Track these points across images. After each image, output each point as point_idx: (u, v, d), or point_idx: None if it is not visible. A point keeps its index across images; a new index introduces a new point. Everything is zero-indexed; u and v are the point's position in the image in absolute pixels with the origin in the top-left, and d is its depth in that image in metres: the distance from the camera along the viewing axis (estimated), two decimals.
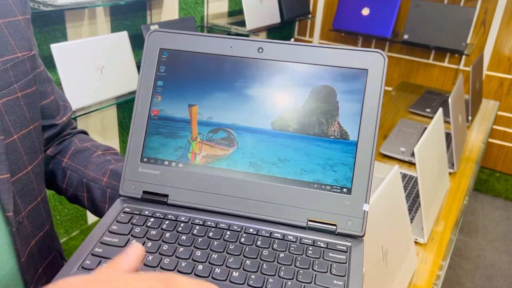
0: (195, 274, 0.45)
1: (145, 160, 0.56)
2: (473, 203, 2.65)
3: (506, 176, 2.66)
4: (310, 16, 2.75)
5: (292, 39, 2.58)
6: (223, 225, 0.52)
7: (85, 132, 0.76)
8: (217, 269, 0.46)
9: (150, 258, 0.47)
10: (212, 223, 0.52)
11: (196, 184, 0.54)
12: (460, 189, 1.31)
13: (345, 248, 0.49)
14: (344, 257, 0.48)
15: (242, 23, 2.12)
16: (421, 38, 2.44)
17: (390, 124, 1.71)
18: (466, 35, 2.34)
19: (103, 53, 1.52)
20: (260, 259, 0.47)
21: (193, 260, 0.47)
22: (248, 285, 0.44)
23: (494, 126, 2.59)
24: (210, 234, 0.50)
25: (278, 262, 0.47)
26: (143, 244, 0.49)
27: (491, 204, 2.66)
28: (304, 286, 0.44)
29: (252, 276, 0.45)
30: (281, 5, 2.40)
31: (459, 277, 2.08)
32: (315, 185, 0.52)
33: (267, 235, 0.51)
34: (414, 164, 1.30)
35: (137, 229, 0.51)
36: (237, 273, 0.45)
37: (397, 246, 0.86)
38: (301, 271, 0.46)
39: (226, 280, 0.45)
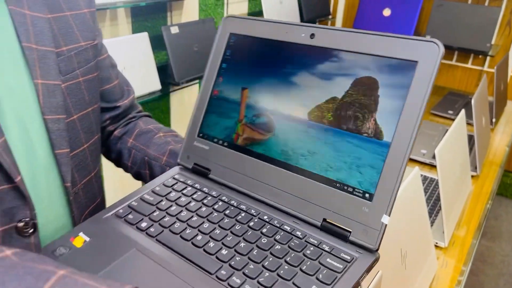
0: (192, 243, 0.49)
1: (200, 135, 0.62)
2: (497, 207, 2.59)
3: None
4: (330, 17, 2.73)
5: None
6: (243, 206, 0.54)
7: (149, 116, 0.83)
8: (211, 243, 0.49)
9: (166, 219, 0.53)
10: (235, 202, 0.55)
11: (234, 164, 0.58)
12: (483, 193, 1.28)
13: (349, 258, 0.46)
14: (342, 266, 0.45)
15: None
16: (443, 39, 2.39)
17: None
18: (490, 35, 2.29)
19: (124, 54, 1.54)
20: (256, 245, 0.48)
21: (198, 230, 0.51)
22: (230, 265, 0.46)
23: None
24: (227, 212, 0.54)
25: (270, 253, 0.47)
26: (168, 207, 0.55)
27: None
28: (278, 281, 0.44)
29: (237, 258, 0.47)
30: (301, 6, 2.39)
31: (482, 283, 2.03)
32: (337, 184, 0.50)
33: (278, 225, 0.51)
34: (435, 166, 1.27)
35: (173, 194, 0.57)
36: (226, 251, 0.48)
37: (416, 250, 0.85)
38: (286, 267, 0.45)
39: (213, 254, 0.48)
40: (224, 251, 0.48)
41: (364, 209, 0.47)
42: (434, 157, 1.30)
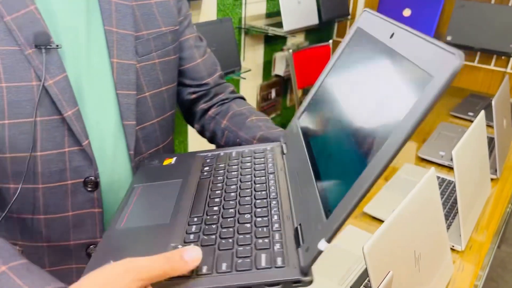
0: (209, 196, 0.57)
1: (300, 117, 0.66)
2: None
3: None
4: (349, 17, 2.71)
5: (331, 41, 2.54)
6: (271, 183, 0.58)
7: (243, 98, 0.87)
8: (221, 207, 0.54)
9: (219, 177, 0.61)
10: (266, 178, 0.60)
11: (295, 153, 0.61)
12: (503, 196, 1.25)
13: (280, 263, 0.43)
14: (265, 265, 0.43)
15: (280, 25, 2.12)
16: (465, 39, 2.35)
17: (430, 128, 1.66)
18: None
19: None
20: (238, 211, 0.53)
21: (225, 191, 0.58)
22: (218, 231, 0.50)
23: None
24: (254, 179, 0.60)
25: (237, 221, 0.51)
26: (231, 166, 0.63)
27: None
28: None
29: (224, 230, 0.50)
30: (320, 6, 2.38)
31: None
32: (322, 192, 0.46)
33: (271, 209, 0.52)
34: (453, 169, 1.25)
35: (247, 158, 0.66)
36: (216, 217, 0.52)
37: (431, 252, 0.83)
38: (239, 238, 0.48)
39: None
40: (215, 207, 0.54)
41: (318, 227, 0.42)
42: (452, 159, 1.27)
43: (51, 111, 0.58)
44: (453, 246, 1.00)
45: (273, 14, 2.36)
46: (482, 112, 1.12)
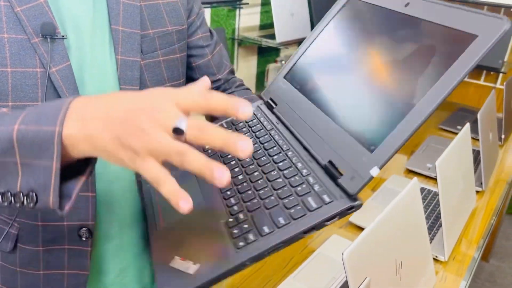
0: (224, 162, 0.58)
1: (287, 77, 0.69)
2: (508, 227, 2.54)
3: None
4: None
5: None
6: (281, 142, 0.60)
7: (248, 89, 0.89)
8: (236, 168, 0.57)
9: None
10: (277, 137, 0.61)
11: (294, 103, 0.64)
12: (488, 209, 1.26)
13: (328, 199, 0.47)
14: (316, 205, 0.47)
15: (273, 36, 2.14)
16: None
17: (419, 140, 1.68)
18: (503, 52, 2.27)
19: None
20: (261, 170, 0.55)
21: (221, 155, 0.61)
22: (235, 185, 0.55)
23: None
24: (265, 145, 0.61)
25: (267, 179, 0.53)
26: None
27: None
28: (259, 208, 0.49)
29: (245, 184, 0.54)
30: (312, 18, 2.41)
31: None
32: (354, 133, 0.51)
33: (288, 154, 0.56)
34: None
35: (241, 124, 0.67)
36: (242, 176, 0.56)
37: (413, 261, 0.84)
38: (271, 196, 0.51)
39: (233, 178, 0.55)
40: (240, 176, 0.55)
41: (363, 159, 0.48)
42: None
43: (53, 98, 0.60)
44: (436, 256, 1.01)
45: (267, 25, 2.39)
46: (467, 125, 1.14)
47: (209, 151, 0.64)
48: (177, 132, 0.40)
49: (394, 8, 0.56)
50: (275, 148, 0.59)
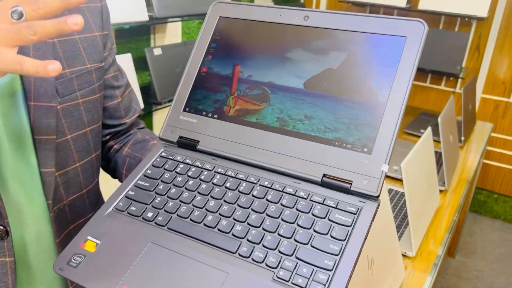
0: (204, 224, 0.51)
1: (186, 109, 0.62)
2: (472, 224, 2.67)
3: (504, 198, 2.68)
4: None
5: None
6: (242, 176, 0.55)
7: (151, 131, 0.85)
8: (224, 221, 0.50)
9: (170, 204, 0.53)
10: (232, 173, 0.56)
11: (225, 133, 0.58)
12: (451, 207, 1.34)
13: (354, 209, 0.49)
14: (350, 220, 0.48)
15: None
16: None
17: None
18: (461, 59, 2.41)
19: None
20: (266, 214, 0.50)
21: (206, 210, 0.52)
22: (248, 240, 0.48)
23: (491, 148, 2.62)
24: (228, 185, 0.54)
25: (282, 219, 0.49)
26: (167, 190, 0.55)
27: (490, 225, 2.67)
28: (298, 247, 0.47)
29: (253, 232, 0.49)
30: None
31: None
32: (336, 142, 0.52)
33: (280, 189, 0.53)
34: None
35: (167, 175, 0.57)
36: (241, 227, 0.49)
37: (383, 257, 0.90)
38: (300, 231, 0.48)
39: (229, 232, 0.49)
40: (238, 227, 0.49)
41: (364, 161, 0.50)
42: None
43: None
44: (405, 253, 1.07)
45: None
46: (429, 129, 1.22)
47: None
48: (17, 16, 0.43)
49: (295, 23, 0.59)
50: (258, 188, 0.53)
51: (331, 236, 0.47)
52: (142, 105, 1.72)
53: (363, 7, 2.72)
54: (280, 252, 0.47)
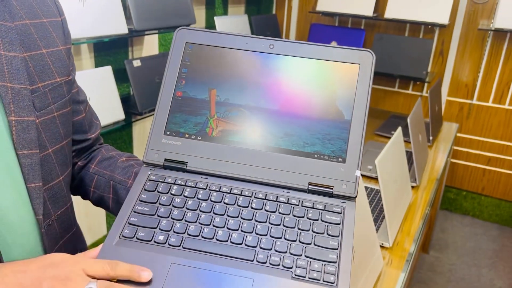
0: (216, 239, 0.55)
1: (168, 132, 0.63)
2: (443, 221, 2.79)
3: (472, 194, 2.81)
4: None
5: None
6: (236, 191, 0.60)
7: (107, 145, 0.86)
8: (234, 234, 0.55)
9: (178, 225, 0.56)
10: (227, 189, 0.60)
11: (212, 153, 0.62)
12: (422, 201, 1.43)
13: (339, 209, 0.58)
14: (339, 218, 0.57)
15: None
16: (386, 68, 2.62)
17: None
18: (426, 64, 2.54)
19: (89, 87, 1.62)
20: (269, 223, 0.57)
21: (213, 226, 0.56)
22: (261, 247, 0.54)
23: (458, 148, 2.76)
24: (226, 200, 0.59)
25: (284, 226, 0.57)
26: (170, 212, 0.57)
27: (460, 221, 2.80)
28: (305, 247, 0.54)
29: (263, 240, 0.55)
30: None
31: None
32: (315, 155, 0.62)
33: (274, 199, 0.60)
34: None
35: (164, 197, 0.59)
36: (251, 237, 0.55)
37: (363, 247, 0.97)
38: (303, 233, 0.56)
39: (242, 243, 0.55)
40: (249, 238, 0.55)
41: (340, 169, 0.60)
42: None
43: None
44: (382, 244, 1.15)
45: None
46: (399, 129, 1.31)
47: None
48: None
49: (262, 50, 0.65)
50: (255, 201, 0.59)
51: (328, 234, 0.56)
52: (123, 116, 1.76)
53: (333, 16, 2.83)
54: (291, 253, 0.54)
